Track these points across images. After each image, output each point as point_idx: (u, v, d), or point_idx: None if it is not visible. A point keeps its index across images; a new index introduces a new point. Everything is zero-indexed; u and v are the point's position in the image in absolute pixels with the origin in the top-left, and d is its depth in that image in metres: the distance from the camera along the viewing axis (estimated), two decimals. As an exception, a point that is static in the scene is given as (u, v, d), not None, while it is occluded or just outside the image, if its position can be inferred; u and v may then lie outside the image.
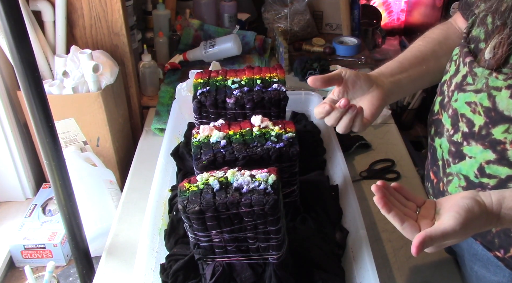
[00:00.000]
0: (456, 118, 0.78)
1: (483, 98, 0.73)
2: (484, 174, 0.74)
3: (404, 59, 0.90)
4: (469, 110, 0.76)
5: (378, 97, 0.83)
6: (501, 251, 0.78)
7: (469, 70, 0.76)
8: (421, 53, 0.90)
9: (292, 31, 1.97)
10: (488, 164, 0.74)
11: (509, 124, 0.70)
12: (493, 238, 0.78)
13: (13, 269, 1.27)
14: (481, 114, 0.74)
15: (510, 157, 0.71)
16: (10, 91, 1.36)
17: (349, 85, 0.84)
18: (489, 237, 0.78)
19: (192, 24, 1.88)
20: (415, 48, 0.92)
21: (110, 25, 1.39)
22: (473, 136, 0.75)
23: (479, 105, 0.73)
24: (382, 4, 2.68)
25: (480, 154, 0.75)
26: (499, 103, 0.70)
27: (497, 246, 0.78)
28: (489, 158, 0.73)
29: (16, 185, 1.45)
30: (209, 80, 1.05)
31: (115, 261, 1.02)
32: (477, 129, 0.74)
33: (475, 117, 0.75)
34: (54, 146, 0.89)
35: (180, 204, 0.74)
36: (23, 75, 0.81)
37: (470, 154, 0.76)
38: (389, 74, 0.87)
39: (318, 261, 0.85)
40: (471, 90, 0.75)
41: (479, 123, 0.74)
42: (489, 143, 0.73)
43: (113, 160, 1.44)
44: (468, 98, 0.76)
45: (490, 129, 0.72)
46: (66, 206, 0.96)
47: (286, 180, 0.91)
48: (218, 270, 0.79)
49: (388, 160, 1.30)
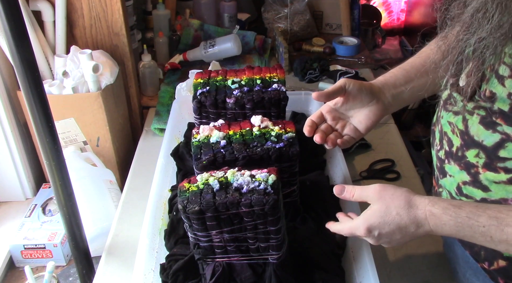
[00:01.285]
0: (442, 135, 0.79)
1: (458, 120, 0.73)
2: (462, 194, 0.75)
3: (411, 68, 0.89)
4: (450, 130, 0.76)
5: (376, 112, 0.85)
6: (486, 263, 0.78)
7: (451, 91, 0.76)
8: (428, 60, 0.88)
9: (292, 31, 1.97)
10: (464, 184, 0.74)
11: (479, 149, 0.70)
12: (479, 250, 0.78)
13: (13, 269, 1.27)
14: (457, 136, 0.74)
15: (482, 180, 0.71)
16: (10, 91, 1.36)
17: (351, 98, 0.85)
18: (476, 249, 0.78)
19: (192, 24, 1.88)
20: (424, 55, 0.90)
21: (110, 25, 1.39)
22: (452, 155, 0.76)
23: (456, 126, 0.74)
24: (382, 4, 2.68)
25: (457, 174, 0.75)
26: (470, 127, 0.71)
27: (483, 258, 0.78)
28: (464, 179, 0.74)
29: (16, 185, 1.45)
30: (209, 80, 1.05)
31: (115, 261, 1.02)
32: (455, 149, 0.75)
33: (454, 138, 0.75)
34: (54, 146, 0.89)
35: (180, 204, 0.74)
36: (23, 75, 0.81)
37: (450, 173, 0.77)
38: (393, 86, 0.87)
39: (318, 261, 0.85)
40: (451, 110, 0.76)
41: (456, 144, 0.74)
42: (464, 165, 0.73)
43: (113, 160, 1.44)
44: (449, 118, 0.77)
45: (464, 152, 0.73)
46: (66, 206, 0.96)
47: (286, 180, 0.91)
48: (218, 270, 0.79)
49: (388, 160, 1.30)
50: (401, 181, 1.23)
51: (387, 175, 1.25)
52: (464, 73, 0.72)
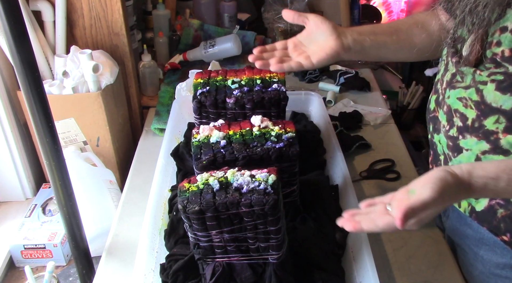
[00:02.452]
0: (451, 114, 0.82)
1: (471, 93, 0.76)
2: None
3: (378, 26, 0.95)
4: (461, 105, 0.79)
5: (332, 47, 0.86)
6: (507, 235, 0.81)
7: (456, 69, 0.80)
8: (396, 25, 0.94)
9: (292, 31, 1.97)
10: (484, 154, 0.77)
11: (499, 115, 0.73)
12: (498, 223, 0.81)
13: (13, 269, 1.27)
14: (472, 108, 0.77)
15: (503, 145, 0.74)
16: (10, 91, 1.36)
17: (313, 26, 0.87)
18: (495, 223, 0.81)
19: (192, 24, 1.88)
20: (394, 21, 0.99)
21: (110, 25, 1.39)
22: (467, 129, 0.78)
23: (469, 99, 0.77)
24: (382, 4, 2.68)
25: (475, 145, 0.78)
26: (486, 96, 0.74)
27: (503, 230, 0.81)
28: (484, 149, 0.77)
29: (16, 185, 1.45)
30: (209, 80, 1.05)
31: (115, 261, 1.02)
32: (470, 122, 0.78)
33: (467, 111, 0.78)
34: (54, 146, 0.89)
35: (180, 204, 0.74)
36: (23, 75, 0.81)
37: (467, 147, 0.79)
38: (357, 32, 0.89)
39: (318, 261, 0.85)
40: (460, 86, 0.79)
41: (471, 117, 0.77)
42: (482, 135, 0.76)
43: (113, 160, 1.43)
44: (459, 94, 0.79)
45: (482, 121, 0.76)
46: (66, 206, 0.96)
47: (286, 180, 0.91)
48: (218, 270, 0.79)
49: (388, 160, 1.30)
50: (401, 181, 1.23)
51: (387, 175, 1.25)
52: (467, 42, 0.76)
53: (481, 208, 0.83)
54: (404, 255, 1.01)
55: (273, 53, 0.90)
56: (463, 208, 0.88)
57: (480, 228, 0.86)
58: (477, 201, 0.84)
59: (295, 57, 0.88)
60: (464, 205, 0.88)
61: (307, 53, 0.88)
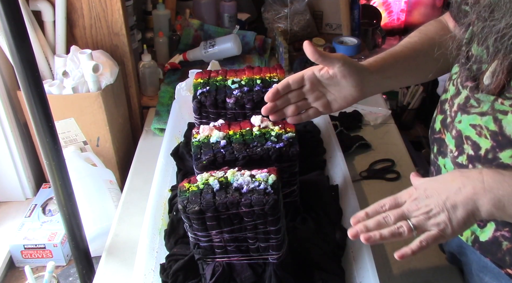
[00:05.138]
0: (461, 140, 0.75)
1: (488, 121, 0.70)
2: None
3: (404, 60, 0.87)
4: (474, 133, 0.73)
5: (355, 96, 0.83)
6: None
7: (471, 94, 0.73)
8: (414, 52, 0.88)
9: (292, 31, 1.97)
10: None
11: None
12: (503, 256, 0.76)
13: (13, 269, 1.27)
14: (487, 138, 0.71)
15: None
16: (10, 91, 1.36)
17: (340, 76, 0.81)
18: (500, 255, 0.76)
19: (192, 24, 1.88)
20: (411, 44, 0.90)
21: (110, 25, 1.39)
22: (479, 159, 0.72)
23: (485, 128, 0.71)
24: (382, 4, 2.68)
25: None
26: (505, 127, 0.68)
27: (509, 263, 0.75)
28: None
29: (16, 185, 1.45)
30: (209, 80, 1.05)
31: (115, 261, 1.02)
32: (483, 152, 0.71)
33: (481, 140, 0.72)
34: (54, 146, 0.89)
35: (180, 204, 0.74)
36: (23, 75, 0.81)
37: None
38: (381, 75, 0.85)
39: (318, 261, 0.85)
40: (475, 112, 0.72)
41: (485, 147, 0.71)
42: (496, 167, 0.70)
43: (113, 160, 1.44)
44: (473, 120, 0.73)
45: (497, 153, 0.70)
46: (66, 206, 0.96)
47: (286, 180, 0.91)
48: (218, 270, 0.79)
49: (388, 160, 1.30)
50: (401, 181, 1.23)
51: (387, 175, 1.25)
52: (489, 70, 0.69)
53: (485, 239, 0.77)
54: (404, 255, 1.01)
55: (287, 97, 0.83)
56: (465, 237, 0.82)
57: (483, 258, 0.80)
58: (482, 231, 0.78)
59: (313, 102, 0.84)
60: (467, 234, 0.81)
61: (327, 99, 0.84)
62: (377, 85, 0.85)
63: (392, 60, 0.86)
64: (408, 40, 0.90)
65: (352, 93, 0.82)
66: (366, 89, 0.83)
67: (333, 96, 0.84)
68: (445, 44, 0.84)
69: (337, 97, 0.83)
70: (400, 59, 0.87)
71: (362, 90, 0.82)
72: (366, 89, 0.83)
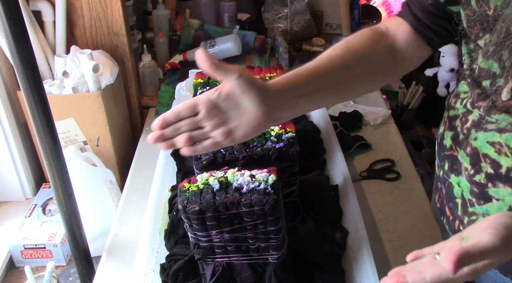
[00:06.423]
0: (477, 158, 0.72)
1: (508, 138, 0.67)
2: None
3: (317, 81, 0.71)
4: (493, 151, 0.69)
5: (261, 122, 0.67)
6: None
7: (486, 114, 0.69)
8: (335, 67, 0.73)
9: (292, 31, 1.97)
10: None
11: None
12: None
13: (13, 269, 1.27)
14: (508, 156, 0.68)
15: None
16: (10, 91, 1.36)
17: (238, 91, 0.65)
18: None
19: (192, 24, 1.88)
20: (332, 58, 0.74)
21: (110, 25, 1.39)
22: (500, 178, 0.69)
23: (505, 146, 0.67)
24: (382, 4, 2.68)
25: (509, 196, 0.69)
26: None
27: None
28: None
29: (16, 185, 1.45)
30: (209, 80, 1.05)
31: (115, 261, 1.02)
32: (504, 170, 0.68)
33: (502, 158, 0.68)
34: (54, 146, 0.89)
35: (180, 204, 0.74)
36: (23, 75, 0.81)
37: (497, 196, 0.71)
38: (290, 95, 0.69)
39: (318, 261, 0.85)
40: (493, 129, 0.69)
41: (506, 165, 0.68)
42: None
43: (113, 160, 1.43)
44: (491, 138, 0.69)
45: None
46: (66, 206, 0.96)
47: (286, 180, 0.91)
48: (218, 270, 0.79)
49: (388, 160, 1.30)
50: (401, 181, 1.23)
51: (387, 175, 1.25)
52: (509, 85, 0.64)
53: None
54: (404, 255, 1.00)
55: (178, 126, 0.66)
56: None
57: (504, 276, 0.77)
58: None
59: (211, 131, 0.66)
60: None
61: (227, 126, 0.66)
62: (288, 106, 0.69)
63: (305, 77, 0.70)
64: (329, 53, 0.75)
65: (257, 116, 0.66)
66: (275, 112, 0.67)
67: (235, 122, 0.67)
68: (378, 57, 0.76)
69: (240, 122, 0.66)
70: (316, 76, 0.71)
71: (269, 112, 0.66)
72: (274, 111, 0.67)
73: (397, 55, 0.78)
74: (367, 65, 0.76)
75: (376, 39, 0.78)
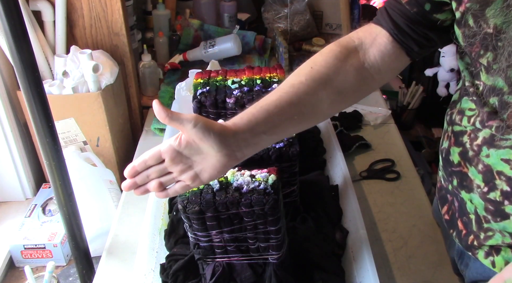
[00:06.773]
0: (491, 175, 0.70)
1: None
2: None
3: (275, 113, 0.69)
4: (508, 168, 0.67)
5: (224, 163, 0.67)
6: None
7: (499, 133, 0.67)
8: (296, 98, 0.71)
9: (292, 31, 1.97)
10: None
11: None
12: None
13: (13, 269, 1.27)
14: None
15: None
16: (10, 91, 1.36)
17: (196, 139, 0.65)
18: None
19: (192, 24, 1.88)
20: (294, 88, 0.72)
21: (110, 25, 1.39)
22: None
23: None
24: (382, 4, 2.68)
25: None
26: None
27: None
28: None
29: (16, 185, 1.45)
30: (209, 80, 1.05)
31: (115, 261, 1.02)
32: None
33: None
34: (54, 146, 0.89)
35: (180, 204, 0.74)
36: (23, 75, 0.81)
37: None
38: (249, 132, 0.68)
39: (318, 261, 0.85)
40: (507, 146, 0.67)
41: None
42: None
43: (113, 160, 1.44)
44: (506, 155, 0.67)
45: None
46: (66, 206, 0.96)
47: (286, 180, 0.91)
48: (218, 270, 0.79)
49: (388, 160, 1.30)
50: (401, 181, 1.23)
51: (387, 175, 1.25)
52: None
53: None
54: (404, 255, 1.01)
55: (147, 174, 0.68)
56: (499, 268, 0.75)
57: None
58: None
59: (179, 175, 0.68)
60: (500, 264, 0.75)
61: (193, 170, 0.68)
62: (250, 144, 0.68)
63: (264, 114, 0.69)
64: (291, 82, 0.72)
65: (219, 159, 0.66)
66: (237, 152, 0.67)
67: (200, 166, 0.68)
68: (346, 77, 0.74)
69: (205, 166, 0.67)
70: (277, 110, 0.69)
71: (231, 154, 0.67)
72: (237, 151, 0.67)
73: (371, 69, 0.76)
74: (333, 89, 0.73)
75: (343, 58, 0.75)
